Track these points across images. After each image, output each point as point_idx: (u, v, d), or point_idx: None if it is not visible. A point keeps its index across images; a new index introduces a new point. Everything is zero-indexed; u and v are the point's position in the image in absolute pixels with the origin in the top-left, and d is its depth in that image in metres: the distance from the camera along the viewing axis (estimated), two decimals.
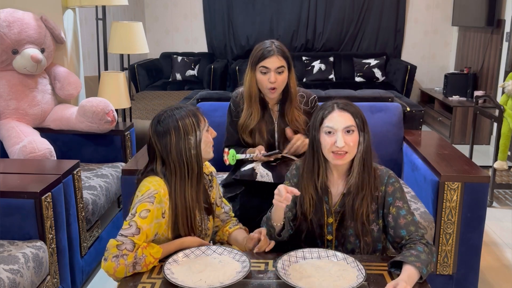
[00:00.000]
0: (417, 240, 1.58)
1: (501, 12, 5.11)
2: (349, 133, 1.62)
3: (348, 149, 1.61)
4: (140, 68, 6.15)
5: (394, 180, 1.68)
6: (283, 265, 1.53)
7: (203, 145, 1.68)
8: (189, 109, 1.69)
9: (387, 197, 1.66)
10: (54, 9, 3.03)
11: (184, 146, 1.64)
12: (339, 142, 1.60)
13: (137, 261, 1.51)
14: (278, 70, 2.13)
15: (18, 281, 1.74)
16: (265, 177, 2.09)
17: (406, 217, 1.63)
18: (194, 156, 1.66)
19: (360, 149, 1.64)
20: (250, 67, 2.20)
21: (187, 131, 1.65)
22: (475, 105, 3.88)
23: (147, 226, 1.56)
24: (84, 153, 2.95)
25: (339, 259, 1.59)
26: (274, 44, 2.16)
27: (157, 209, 1.60)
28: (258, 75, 2.16)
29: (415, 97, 6.52)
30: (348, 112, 1.63)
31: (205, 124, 1.71)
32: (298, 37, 6.65)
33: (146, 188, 1.63)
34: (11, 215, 1.96)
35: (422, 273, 1.48)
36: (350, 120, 1.62)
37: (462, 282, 2.25)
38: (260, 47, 2.17)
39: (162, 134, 1.65)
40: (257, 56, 2.15)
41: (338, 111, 1.63)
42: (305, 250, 1.62)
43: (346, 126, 1.61)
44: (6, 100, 2.81)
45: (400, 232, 1.62)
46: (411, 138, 2.73)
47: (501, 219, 3.32)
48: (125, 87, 3.38)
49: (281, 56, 2.13)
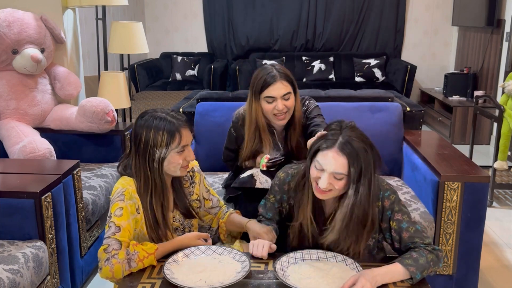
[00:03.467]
0: (422, 247, 1.54)
1: (501, 12, 5.11)
2: (338, 180, 1.49)
3: (332, 188, 1.50)
4: (140, 68, 6.15)
5: (390, 192, 1.60)
6: (281, 266, 1.52)
7: (166, 163, 1.65)
8: (170, 124, 1.63)
9: (385, 212, 1.59)
10: (54, 9, 3.03)
11: (149, 153, 1.63)
12: (322, 183, 1.48)
13: (131, 257, 1.52)
14: (285, 96, 1.98)
15: (18, 281, 1.74)
16: (264, 184, 2.06)
17: (409, 229, 1.56)
18: (156, 169, 1.64)
19: (347, 203, 1.50)
20: (253, 96, 2.03)
21: (155, 143, 1.62)
22: (475, 105, 3.88)
23: (126, 222, 1.57)
24: (84, 153, 2.94)
25: (338, 261, 1.58)
26: (275, 68, 2.00)
27: (130, 205, 1.61)
28: (263, 104, 2.01)
29: (415, 97, 6.52)
30: (345, 157, 1.46)
31: (178, 146, 1.63)
32: (298, 37, 6.65)
33: (115, 189, 1.65)
34: (11, 215, 1.96)
35: (415, 278, 1.47)
36: (342, 167, 1.46)
37: (462, 282, 2.25)
38: (261, 73, 2.01)
39: (139, 126, 1.64)
40: (259, 84, 1.99)
41: (335, 152, 1.47)
42: (304, 252, 1.61)
43: (334, 171, 1.47)
44: (6, 100, 2.81)
45: (406, 245, 1.57)
46: (411, 138, 2.73)
47: (501, 219, 3.32)
48: (125, 87, 3.38)
49: (285, 81, 1.98)
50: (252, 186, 2.08)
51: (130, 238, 1.58)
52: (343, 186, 1.50)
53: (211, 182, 2.55)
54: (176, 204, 1.78)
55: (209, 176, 2.64)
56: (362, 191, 1.48)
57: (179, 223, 1.78)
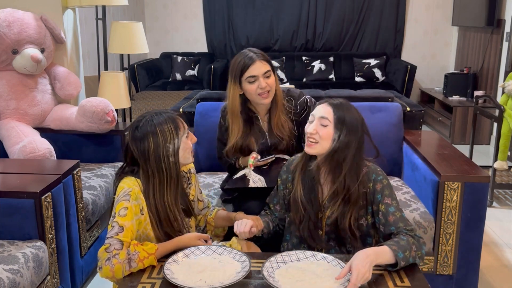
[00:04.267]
0: (404, 232, 1.61)
1: (501, 12, 5.11)
2: (323, 126, 1.66)
3: (318, 138, 1.66)
4: (140, 68, 6.15)
5: (382, 177, 1.70)
6: (268, 273, 1.49)
7: (181, 152, 1.68)
8: (168, 116, 1.67)
9: (376, 194, 1.68)
10: (54, 9, 3.03)
11: (162, 153, 1.64)
12: (309, 128, 1.68)
13: (131, 257, 1.52)
14: (266, 74, 2.07)
15: (18, 281, 1.74)
16: (257, 183, 2.07)
17: (395, 214, 1.65)
18: (172, 163, 1.65)
19: (331, 146, 1.66)
20: (232, 81, 2.11)
21: (166, 138, 1.64)
22: (475, 105, 3.88)
23: (129, 222, 1.57)
24: (84, 153, 2.94)
25: (318, 259, 1.58)
26: (252, 51, 2.10)
27: (134, 206, 1.61)
28: (246, 86, 2.08)
29: (415, 97, 6.52)
30: (331, 106, 1.67)
31: (184, 131, 1.69)
32: (298, 37, 6.65)
33: (121, 188, 1.64)
34: (11, 215, 1.96)
35: (398, 257, 1.50)
36: (327, 112, 1.66)
37: (462, 282, 2.25)
38: (239, 58, 2.10)
39: (140, 139, 1.64)
40: (239, 67, 2.08)
41: (324, 103, 1.70)
42: (283, 254, 1.60)
43: (321, 116, 1.67)
44: (6, 100, 2.81)
45: (390, 229, 1.65)
46: (411, 138, 2.73)
47: (501, 219, 3.32)
48: (125, 87, 3.38)
49: (264, 60, 2.08)
50: (246, 186, 2.08)
51: (132, 238, 1.58)
52: (327, 136, 1.65)
53: (211, 182, 2.55)
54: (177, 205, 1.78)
55: (209, 176, 2.64)
56: (343, 138, 1.65)
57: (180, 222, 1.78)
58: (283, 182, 1.86)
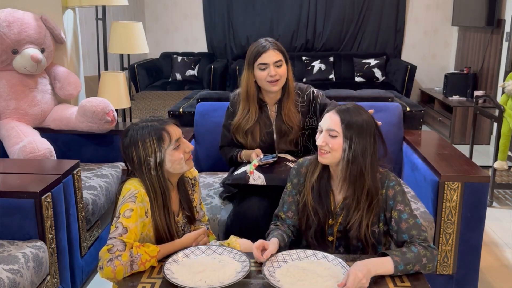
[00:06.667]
0: (417, 242, 1.57)
1: (501, 12, 5.11)
2: (332, 137, 1.61)
3: (329, 149, 1.62)
4: (140, 68, 6.15)
5: (395, 183, 1.66)
6: (269, 272, 1.50)
7: (169, 164, 1.66)
8: (154, 127, 1.64)
9: (388, 201, 1.65)
10: (54, 9, 3.03)
11: (144, 166, 1.64)
12: (318, 140, 1.64)
13: (134, 259, 1.51)
14: (277, 63, 2.15)
15: (18, 281, 1.74)
16: (257, 180, 2.08)
17: (408, 221, 1.61)
18: (154, 176, 1.65)
19: (343, 156, 1.61)
20: (247, 67, 2.21)
21: (147, 152, 1.64)
22: (475, 105, 3.88)
23: (133, 224, 1.56)
24: (84, 153, 2.94)
25: (319, 258, 1.59)
26: (268, 41, 2.20)
27: (140, 208, 1.60)
28: (257, 72, 2.17)
29: (415, 97, 6.52)
30: (338, 115, 1.62)
31: (170, 143, 1.65)
32: (298, 37, 6.65)
33: (127, 189, 1.64)
34: (11, 215, 1.96)
35: (397, 268, 1.48)
36: (335, 124, 1.61)
37: (462, 282, 2.25)
38: (255, 45, 2.20)
39: (126, 147, 1.66)
40: (253, 54, 2.18)
41: (331, 112, 1.64)
42: (284, 253, 1.60)
43: (328, 128, 1.62)
44: (6, 100, 2.81)
45: (402, 236, 1.61)
46: (411, 138, 2.73)
47: (501, 219, 3.32)
48: (125, 87, 3.38)
49: (277, 50, 2.16)
50: (246, 183, 2.09)
51: (136, 240, 1.57)
52: (337, 146, 1.60)
53: (211, 182, 2.55)
54: (182, 207, 1.78)
55: (209, 176, 2.64)
56: (355, 147, 1.59)
57: (181, 229, 1.77)
58: (294, 186, 1.79)
